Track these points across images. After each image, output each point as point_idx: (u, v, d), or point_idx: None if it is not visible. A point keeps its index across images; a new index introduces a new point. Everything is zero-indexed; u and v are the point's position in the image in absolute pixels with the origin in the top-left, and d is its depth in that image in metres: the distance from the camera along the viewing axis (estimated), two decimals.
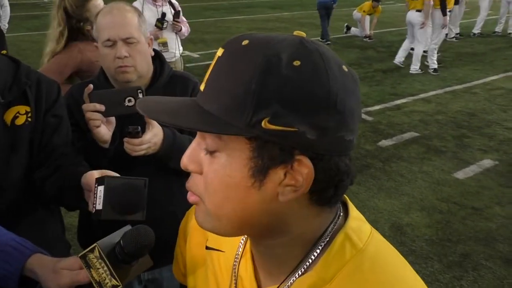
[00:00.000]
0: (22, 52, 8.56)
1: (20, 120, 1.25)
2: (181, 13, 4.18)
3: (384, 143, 4.77)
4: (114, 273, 0.83)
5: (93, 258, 0.84)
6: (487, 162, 4.33)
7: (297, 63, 0.51)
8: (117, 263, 0.84)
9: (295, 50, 0.52)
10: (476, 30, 10.72)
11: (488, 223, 3.34)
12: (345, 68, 0.55)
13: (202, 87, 0.56)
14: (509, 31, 10.65)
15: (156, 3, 3.95)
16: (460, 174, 4.09)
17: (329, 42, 9.96)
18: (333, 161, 0.53)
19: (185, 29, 4.27)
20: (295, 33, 0.56)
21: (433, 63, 7.59)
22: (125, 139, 1.35)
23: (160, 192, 1.42)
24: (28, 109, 1.26)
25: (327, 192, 0.55)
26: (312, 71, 0.51)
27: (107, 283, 0.83)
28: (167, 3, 4.06)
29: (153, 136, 1.36)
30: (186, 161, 0.58)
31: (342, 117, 0.52)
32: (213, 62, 0.56)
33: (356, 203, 3.32)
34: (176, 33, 4.12)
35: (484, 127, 5.22)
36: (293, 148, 0.52)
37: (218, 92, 0.53)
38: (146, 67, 1.50)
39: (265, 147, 0.52)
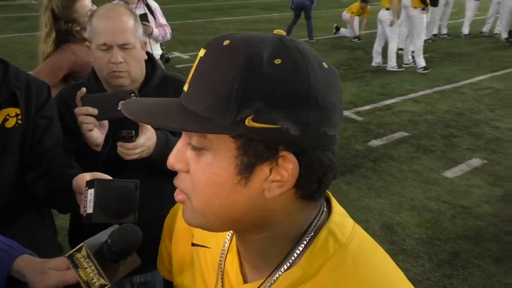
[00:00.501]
0: (11, 53, 8.45)
1: (10, 123, 1.24)
2: (158, 15, 3.96)
3: (374, 143, 4.80)
4: (102, 272, 0.82)
5: (80, 257, 0.83)
6: (475, 161, 4.38)
7: (278, 61, 0.52)
8: (105, 262, 0.83)
9: (276, 49, 0.53)
10: (465, 30, 10.81)
11: (477, 221, 3.37)
12: (325, 64, 0.56)
13: (185, 88, 0.57)
14: (495, 32, 10.77)
15: (129, 5, 3.65)
16: (449, 173, 4.13)
17: (312, 41, 10.11)
18: (317, 156, 0.55)
19: (160, 32, 3.98)
20: (275, 32, 0.57)
21: (421, 61, 7.70)
22: (119, 143, 1.34)
23: (152, 195, 1.41)
24: (18, 111, 1.25)
25: (312, 187, 0.56)
26: (293, 68, 0.52)
27: (95, 282, 0.82)
28: (143, 5, 3.88)
29: (146, 139, 1.35)
30: (172, 160, 0.59)
31: (324, 112, 0.53)
32: (196, 63, 0.57)
33: (347, 203, 3.33)
34: (147, 36, 3.77)
35: (472, 127, 5.27)
36: (278, 144, 0.53)
37: (201, 92, 0.54)
38: (139, 72, 1.49)
39: (250, 144, 0.53)
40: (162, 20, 4.07)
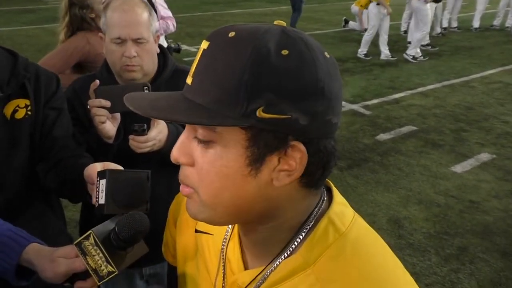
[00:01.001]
0: (18, 46, 8.49)
1: (20, 114, 1.24)
2: (160, 8, 3.83)
3: (382, 137, 4.78)
4: (109, 259, 0.83)
5: (88, 245, 0.84)
6: (484, 156, 4.35)
7: (285, 52, 0.52)
8: (112, 250, 0.84)
9: (281, 40, 0.54)
10: (476, 24, 10.70)
11: (485, 216, 3.36)
12: (326, 54, 0.57)
13: (189, 81, 0.56)
14: (506, 25, 10.64)
15: None
16: (458, 168, 4.11)
17: None
18: (322, 144, 0.56)
19: (161, 25, 3.83)
20: (276, 22, 0.58)
21: (416, 51, 7.87)
22: (131, 137, 1.35)
23: (162, 187, 1.42)
24: (27, 102, 1.25)
25: (316, 174, 0.58)
26: (300, 59, 0.53)
27: (103, 269, 0.83)
28: None
29: (158, 133, 1.36)
30: (176, 154, 0.59)
31: (330, 101, 0.55)
32: (199, 55, 0.56)
33: (354, 197, 3.33)
34: None
35: (482, 121, 5.23)
36: (287, 134, 0.54)
37: (207, 84, 0.54)
38: (152, 66, 1.49)
39: (261, 135, 0.53)
40: (165, 12, 3.97)
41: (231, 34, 0.54)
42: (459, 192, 3.70)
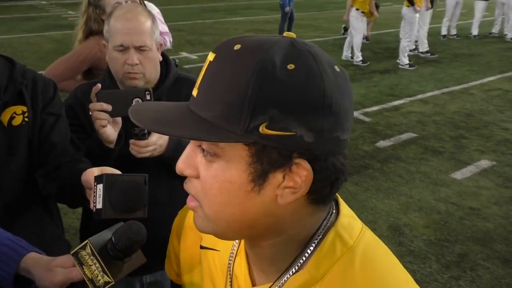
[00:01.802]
0: (19, 54, 8.53)
1: (17, 121, 1.25)
2: (158, 23, 3.90)
3: (382, 144, 4.78)
4: (106, 269, 0.82)
5: (85, 255, 0.83)
6: (484, 163, 4.35)
7: (291, 66, 0.51)
8: (109, 260, 0.83)
9: (288, 53, 0.52)
10: (475, 31, 10.76)
11: (486, 223, 3.35)
12: (337, 68, 0.55)
13: (194, 93, 0.55)
14: (505, 33, 10.68)
15: None
16: (458, 175, 4.11)
17: None
18: (330, 161, 0.54)
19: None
20: (285, 34, 0.56)
21: (404, 59, 8.02)
22: (131, 141, 1.35)
23: (163, 193, 1.42)
24: (24, 109, 1.25)
25: (324, 192, 0.56)
26: (307, 74, 0.51)
27: (99, 279, 0.83)
28: None
29: (159, 138, 1.36)
30: (181, 166, 0.58)
31: (338, 118, 0.53)
32: (205, 67, 0.55)
33: (354, 204, 3.32)
34: None
35: (482, 128, 5.24)
36: (292, 151, 0.52)
37: (213, 98, 0.52)
38: (154, 74, 1.50)
39: (264, 152, 0.52)
40: (162, 27, 3.98)
41: (237, 46, 0.53)
42: (459, 199, 3.69)
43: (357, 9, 8.04)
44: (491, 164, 4.33)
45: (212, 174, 0.55)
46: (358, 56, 8.24)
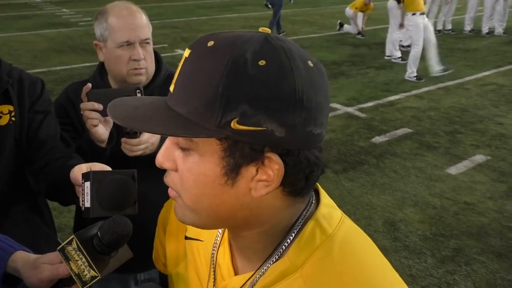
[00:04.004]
0: (14, 52, 8.49)
1: (4, 121, 1.23)
2: None
3: (378, 139, 4.79)
4: (92, 264, 0.82)
5: (71, 250, 0.83)
6: (479, 158, 4.37)
7: (262, 62, 0.51)
8: (95, 254, 0.83)
9: (261, 49, 0.52)
10: (468, 27, 10.77)
11: (481, 217, 3.37)
12: (310, 63, 0.55)
13: (171, 88, 0.56)
14: (489, 29, 10.66)
15: None
16: (453, 170, 4.13)
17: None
18: (303, 155, 0.55)
19: None
20: (261, 29, 0.57)
21: (395, 51, 8.15)
22: (123, 140, 1.34)
23: (156, 191, 1.41)
24: (11, 108, 1.24)
25: (299, 184, 0.57)
26: (278, 69, 0.52)
27: (86, 274, 0.83)
28: None
29: (150, 136, 1.36)
30: (161, 159, 0.60)
31: (310, 112, 0.53)
32: (181, 63, 0.56)
33: (350, 200, 3.32)
34: None
35: (476, 123, 5.25)
36: (263, 146, 0.53)
37: (186, 94, 0.53)
38: (153, 68, 1.50)
39: (236, 146, 0.53)
40: None
41: (210, 43, 0.54)
42: (454, 194, 3.71)
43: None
44: (486, 158, 4.35)
45: (187, 167, 0.57)
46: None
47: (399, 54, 8.15)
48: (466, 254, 2.96)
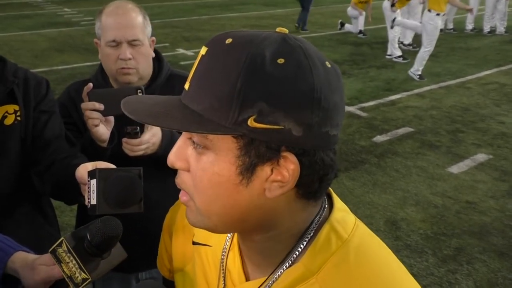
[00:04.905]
0: (15, 52, 8.49)
1: (9, 120, 1.24)
2: None
3: (379, 138, 4.79)
4: (83, 266, 0.82)
5: (62, 252, 0.83)
6: (481, 157, 4.36)
7: (281, 61, 0.51)
8: (85, 256, 0.83)
9: (279, 48, 0.52)
10: (470, 26, 10.76)
11: (482, 216, 3.37)
12: (328, 64, 0.55)
13: (186, 86, 0.56)
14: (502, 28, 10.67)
15: None
16: (455, 169, 4.12)
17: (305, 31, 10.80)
18: (318, 156, 0.54)
19: None
20: (278, 29, 0.56)
21: (395, 50, 8.18)
22: (124, 140, 1.34)
23: (157, 191, 1.41)
24: (16, 108, 1.25)
25: (313, 186, 0.56)
26: (296, 68, 0.51)
27: (77, 276, 0.82)
28: None
29: (151, 136, 1.36)
30: (173, 158, 0.58)
31: (327, 113, 0.53)
32: (197, 61, 0.56)
33: (351, 199, 3.32)
34: None
35: (478, 122, 5.25)
36: (280, 145, 0.52)
37: (203, 92, 0.53)
38: (147, 69, 1.49)
39: (252, 145, 0.52)
40: None
41: (228, 40, 0.53)
42: (456, 193, 3.71)
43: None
44: (488, 157, 4.34)
45: (201, 167, 0.56)
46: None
47: (399, 52, 8.13)
48: (468, 253, 2.96)
